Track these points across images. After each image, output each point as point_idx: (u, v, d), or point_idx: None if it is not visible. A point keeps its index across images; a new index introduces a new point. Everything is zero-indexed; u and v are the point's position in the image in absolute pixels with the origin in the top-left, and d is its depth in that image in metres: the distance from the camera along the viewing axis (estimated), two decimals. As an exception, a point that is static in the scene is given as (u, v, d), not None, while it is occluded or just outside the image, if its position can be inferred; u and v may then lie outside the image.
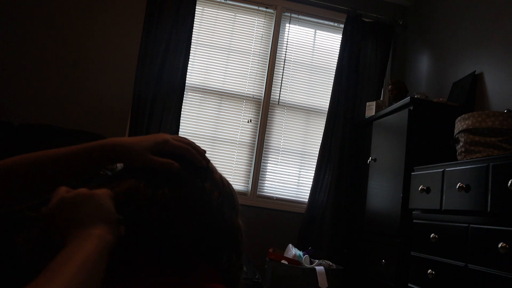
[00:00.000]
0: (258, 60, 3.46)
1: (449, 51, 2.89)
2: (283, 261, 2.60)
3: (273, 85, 3.42)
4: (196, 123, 3.30)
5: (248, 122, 3.38)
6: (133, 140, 0.65)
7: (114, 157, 0.64)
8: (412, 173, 2.11)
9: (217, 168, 0.71)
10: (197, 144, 0.69)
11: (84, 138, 2.81)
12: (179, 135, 3.11)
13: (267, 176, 3.34)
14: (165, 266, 0.56)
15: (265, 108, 3.38)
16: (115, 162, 0.66)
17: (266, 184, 3.33)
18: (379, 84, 3.44)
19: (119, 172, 0.65)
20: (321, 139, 3.30)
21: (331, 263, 2.70)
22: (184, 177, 0.63)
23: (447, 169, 1.81)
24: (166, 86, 3.14)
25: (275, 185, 3.34)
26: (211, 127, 3.32)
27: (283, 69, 3.46)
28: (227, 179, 0.71)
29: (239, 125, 3.37)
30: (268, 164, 3.35)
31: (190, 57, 3.24)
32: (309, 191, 3.24)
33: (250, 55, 3.45)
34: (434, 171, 1.91)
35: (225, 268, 0.63)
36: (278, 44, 3.47)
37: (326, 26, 3.60)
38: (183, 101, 3.19)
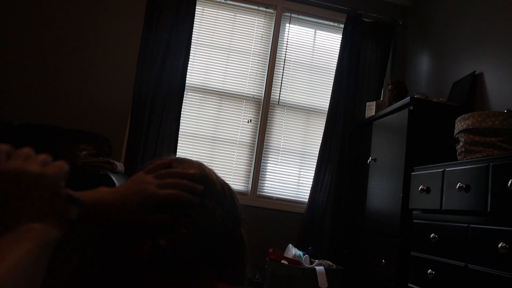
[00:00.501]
0: (258, 60, 3.46)
1: (449, 51, 2.89)
2: (283, 261, 2.60)
3: (273, 85, 3.42)
4: (196, 123, 3.30)
5: (248, 122, 3.38)
6: (121, 197, 0.61)
7: (104, 217, 0.60)
8: (412, 173, 2.11)
9: (217, 169, 0.71)
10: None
11: (84, 138, 2.81)
12: (179, 135, 3.12)
13: (267, 176, 3.34)
14: (174, 271, 0.57)
15: (265, 108, 3.38)
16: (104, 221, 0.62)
17: (266, 184, 3.33)
18: (379, 84, 3.44)
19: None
20: (321, 139, 3.30)
21: (331, 263, 2.70)
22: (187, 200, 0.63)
23: (447, 169, 1.81)
24: (166, 86, 3.14)
25: (275, 185, 3.34)
26: (211, 127, 3.32)
27: (283, 69, 3.46)
28: (228, 182, 0.70)
29: (239, 125, 3.36)
30: (268, 164, 3.35)
31: (190, 57, 3.24)
32: (309, 191, 3.24)
33: (250, 55, 3.45)
34: (434, 171, 1.91)
35: (230, 276, 0.64)
36: (278, 44, 3.47)
37: (326, 26, 3.60)
38: (183, 101, 3.19)
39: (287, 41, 3.50)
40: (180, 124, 3.15)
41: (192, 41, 3.25)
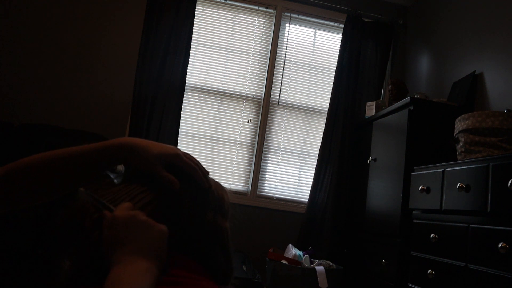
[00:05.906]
0: (258, 60, 3.46)
1: (449, 51, 2.89)
2: (283, 261, 2.60)
3: (273, 85, 3.42)
4: (196, 123, 3.30)
5: (248, 122, 3.38)
6: (147, 144, 0.65)
7: (127, 157, 0.65)
8: (412, 173, 2.11)
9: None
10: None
11: (84, 138, 2.81)
12: (179, 135, 3.12)
13: (267, 176, 3.34)
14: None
15: (265, 108, 3.38)
16: (126, 163, 0.66)
17: (266, 184, 3.33)
18: (379, 84, 3.44)
19: (127, 174, 0.67)
20: (321, 139, 3.30)
21: (331, 263, 2.70)
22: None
23: (447, 169, 1.81)
24: (166, 86, 3.14)
25: (275, 185, 3.34)
26: (211, 127, 3.32)
27: (283, 69, 3.46)
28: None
29: (239, 125, 3.36)
30: (268, 164, 3.35)
31: (190, 57, 3.24)
32: (309, 191, 3.24)
33: (250, 55, 3.45)
34: (434, 171, 1.91)
35: (215, 268, 0.64)
36: (278, 44, 3.47)
37: (326, 26, 3.60)
38: (183, 101, 3.19)
39: (287, 41, 3.50)
40: (180, 124, 3.15)
41: (192, 41, 3.25)
